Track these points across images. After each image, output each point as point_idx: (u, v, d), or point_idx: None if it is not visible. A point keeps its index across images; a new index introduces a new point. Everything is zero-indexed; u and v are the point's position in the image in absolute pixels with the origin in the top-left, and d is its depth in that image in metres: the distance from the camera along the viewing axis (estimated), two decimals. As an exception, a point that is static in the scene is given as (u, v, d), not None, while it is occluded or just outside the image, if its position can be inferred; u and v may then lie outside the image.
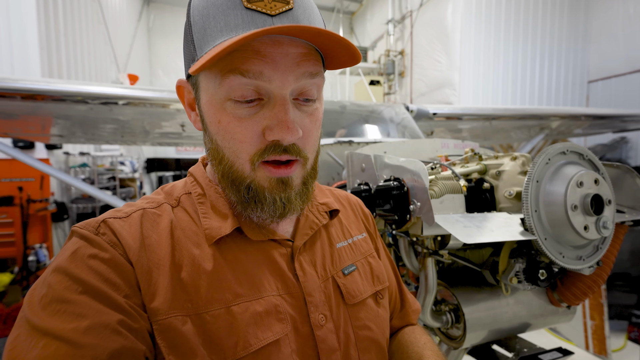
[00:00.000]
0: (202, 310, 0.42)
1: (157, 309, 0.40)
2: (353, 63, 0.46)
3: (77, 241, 0.42)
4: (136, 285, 0.41)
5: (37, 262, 3.81)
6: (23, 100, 2.19)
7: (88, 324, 0.36)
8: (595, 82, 6.01)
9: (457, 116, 3.29)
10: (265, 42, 0.41)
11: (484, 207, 0.88)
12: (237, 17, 0.41)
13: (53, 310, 0.36)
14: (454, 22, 5.59)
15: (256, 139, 0.44)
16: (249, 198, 0.46)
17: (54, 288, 0.37)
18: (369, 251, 0.62)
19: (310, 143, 0.47)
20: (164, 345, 0.39)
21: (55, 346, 0.34)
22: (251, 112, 0.43)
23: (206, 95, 0.45)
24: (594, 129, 4.24)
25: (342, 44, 0.42)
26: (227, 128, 0.44)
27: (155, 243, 0.44)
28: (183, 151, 9.02)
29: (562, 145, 0.79)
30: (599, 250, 0.80)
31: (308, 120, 0.46)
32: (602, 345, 2.14)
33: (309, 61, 0.43)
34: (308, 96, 0.45)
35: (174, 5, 9.27)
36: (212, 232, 0.46)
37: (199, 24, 0.43)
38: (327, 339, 0.47)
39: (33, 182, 4.03)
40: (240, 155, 0.44)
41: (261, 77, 0.41)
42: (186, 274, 0.43)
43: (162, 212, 0.48)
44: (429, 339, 0.62)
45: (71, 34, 4.81)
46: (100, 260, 0.40)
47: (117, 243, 0.42)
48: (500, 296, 0.94)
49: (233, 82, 0.42)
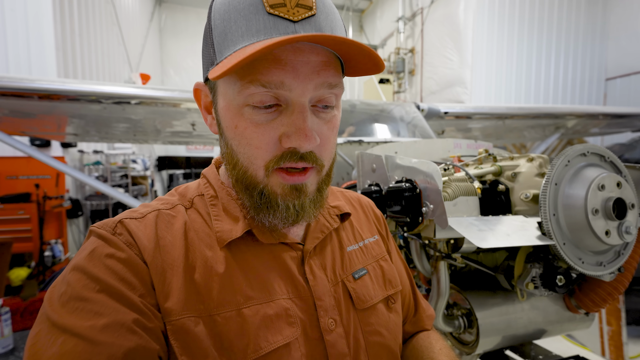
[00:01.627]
0: (213, 312, 0.42)
1: (171, 309, 0.41)
2: (376, 71, 0.45)
3: (95, 241, 0.42)
4: (151, 285, 0.41)
5: (53, 257, 3.92)
6: (40, 99, 2.25)
7: (105, 322, 0.36)
8: (614, 80, 5.82)
9: (469, 115, 3.23)
10: (286, 50, 0.40)
11: (499, 210, 0.85)
12: (259, 22, 0.41)
13: (71, 308, 0.37)
14: (466, 18, 5.49)
15: (272, 145, 0.43)
16: (261, 203, 0.46)
17: (72, 286, 0.38)
18: (381, 254, 0.61)
19: (327, 150, 0.47)
20: (177, 346, 0.40)
21: (73, 343, 0.35)
22: (269, 118, 0.43)
23: (224, 100, 0.45)
24: (611, 128, 4.11)
25: (366, 53, 0.41)
26: (243, 133, 0.44)
27: (169, 244, 0.44)
28: (193, 149, 9.15)
29: (582, 147, 0.76)
30: (621, 256, 0.77)
31: (326, 128, 0.46)
32: (619, 352, 2.07)
33: (329, 70, 0.43)
34: (327, 103, 0.45)
35: (185, 5, 9.38)
36: (224, 234, 0.47)
37: (219, 28, 0.43)
38: (336, 344, 0.47)
39: (49, 179, 4.13)
40: (255, 162, 0.44)
41: (282, 87, 0.41)
42: (199, 276, 0.43)
43: (176, 214, 0.48)
44: (444, 345, 0.60)
45: (86, 34, 4.92)
46: (116, 259, 0.41)
47: (132, 243, 0.43)
48: (515, 301, 0.92)
49: (252, 91, 0.41)
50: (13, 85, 2.13)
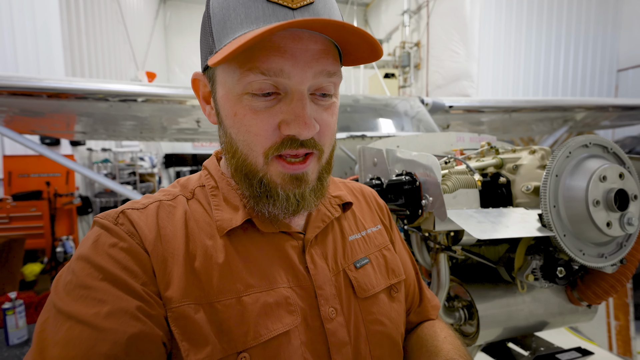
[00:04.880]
0: (213, 299, 0.43)
1: (171, 297, 0.41)
2: (374, 59, 0.45)
3: (98, 231, 0.44)
4: (152, 274, 0.42)
5: (65, 253, 4.02)
6: (49, 98, 2.29)
7: (108, 310, 0.37)
8: (625, 71, 5.68)
9: (475, 109, 3.19)
10: (285, 37, 0.40)
11: (500, 203, 0.85)
12: (257, 9, 0.41)
13: (76, 296, 0.38)
14: (473, 10, 5.39)
15: (271, 132, 0.44)
16: (261, 192, 0.46)
17: (77, 275, 0.40)
18: (384, 243, 0.60)
19: (327, 136, 0.47)
20: (178, 332, 0.41)
21: (79, 329, 0.36)
22: (268, 105, 0.43)
23: (223, 89, 0.45)
24: (622, 120, 4.01)
25: (365, 38, 0.41)
26: (242, 121, 0.44)
27: (170, 233, 0.45)
28: (199, 147, 9.22)
29: (584, 138, 0.75)
30: (623, 247, 0.76)
31: (325, 114, 0.46)
32: (627, 346, 2.05)
33: (327, 58, 0.43)
34: (325, 91, 0.45)
35: (190, 2, 9.40)
36: (223, 223, 0.47)
37: (218, 16, 0.43)
38: (337, 333, 0.47)
39: (59, 177, 4.22)
40: (255, 148, 0.44)
41: (281, 75, 0.41)
42: (199, 264, 0.44)
43: (177, 204, 0.49)
44: (449, 333, 0.60)
45: (92, 33, 4.98)
46: (119, 249, 0.42)
47: (134, 233, 0.44)
48: (516, 293, 0.92)
49: (252, 78, 0.42)
50: (23, 84, 2.17)
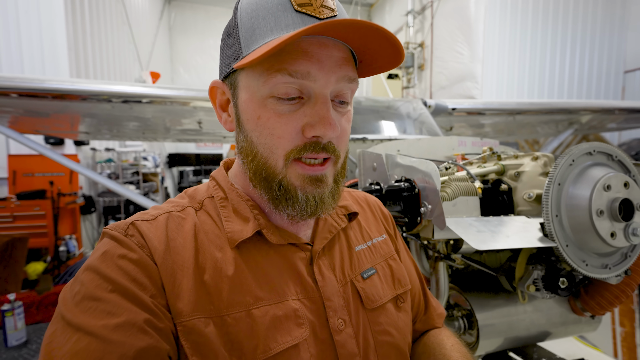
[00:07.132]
0: (223, 312, 0.42)
1: (181, 310, 0.41)
2: (395, 64, 0.47)
3: (107, 242, 0.43)
4: (161, 286, 0.42)
5: (67, 252, 4.04)
6: (53, 99, 2.30)
7: (117, 322, 0.37)
8: (633, 72, 5.61)
9: (478, 111, 3.16)
10: (312, 43, 0.43)
11: (501, 210, 0.83)
12: (287, 18, 0.43)
13: (85, 307, 0.38)
14: (478, 11, 5.35)
15: (295, 135, 0.45)
16: (280, 195, 0.46)
17: (86, 286, 0.39)
18: (389, 253, 0.61)
19: (344, 142, 0.49)
20: (188, 346, 0.40)
21: (87, 341, 0.36)
22: (292, 109, 0.45)
23: (247, 93, 0.46)
24: (630, 123, 3.96)
25: (391, 41, 0.43)
26: (266, 124, 0.45)
27: (179, 245, 0.45)
28: (203, 146, 9.25)
29: (588, 145, 0.73)
30: (628, 258, 0.74)
31: (343, 120, 0.48)
32: (633, 353, 2.01)
33: (348, 65, 0.46)
34: (343, 99, 0.47)
35: (194, 2, 9.44)
36: (234, 235, 0.47)
37: (247, 24, 0.45)
38: (346, 344, 0.47)
39: (63, 176, 4.25)
40: (276, 151, 0.45)
41: (307, 77, 0.43)
42: (209, 277, 0.44)
43: (186, 216, 0.49)
44: (456, 341, 0.60)
45: (97, 34, 5.01)
46: (128, 260, 0.41)
47: (144, 244, 0.43)
48: (517, 303, 0.90)
49: (279, 80, 0.43)
50: (27, 85, 2.19)
